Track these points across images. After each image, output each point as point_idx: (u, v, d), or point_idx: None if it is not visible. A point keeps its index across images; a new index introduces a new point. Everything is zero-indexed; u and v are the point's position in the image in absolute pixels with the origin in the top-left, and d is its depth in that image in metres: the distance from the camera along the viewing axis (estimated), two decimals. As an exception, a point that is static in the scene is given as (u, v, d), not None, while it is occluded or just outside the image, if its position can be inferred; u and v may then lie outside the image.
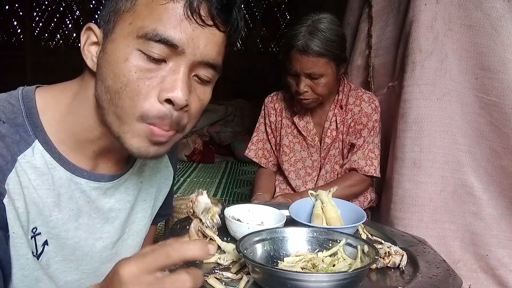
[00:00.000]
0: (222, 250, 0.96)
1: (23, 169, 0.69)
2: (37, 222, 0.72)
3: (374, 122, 1.67)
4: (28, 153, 0.69)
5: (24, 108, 0.71)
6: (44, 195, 0.72)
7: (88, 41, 0.70)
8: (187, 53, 0.66)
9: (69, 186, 0.75)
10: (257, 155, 1.83)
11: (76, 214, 0.77)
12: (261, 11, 6.26)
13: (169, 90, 0.65)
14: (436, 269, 0.90)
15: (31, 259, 0.72)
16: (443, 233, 1.54)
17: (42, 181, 0.71)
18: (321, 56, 1.50)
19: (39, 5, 6.04)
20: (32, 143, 0.70)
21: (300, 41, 1.50)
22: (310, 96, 1.57)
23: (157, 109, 0.66)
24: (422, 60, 1.52)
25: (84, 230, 0.80)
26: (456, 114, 1.50)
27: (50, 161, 0.72)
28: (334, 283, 0.72)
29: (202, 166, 3.98)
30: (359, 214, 1.09)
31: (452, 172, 1.52)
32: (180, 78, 0.66)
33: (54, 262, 0.76)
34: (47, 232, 0.74)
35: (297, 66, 1.52)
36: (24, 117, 0.70)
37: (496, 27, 1.39)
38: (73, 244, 0.78)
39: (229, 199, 2.98)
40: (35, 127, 0.71)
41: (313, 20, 1.53)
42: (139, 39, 0.64)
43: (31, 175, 0.70)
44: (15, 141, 0.68)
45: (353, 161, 1.67)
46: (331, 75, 1.57)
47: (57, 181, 0.73)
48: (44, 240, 0.74)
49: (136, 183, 0.88)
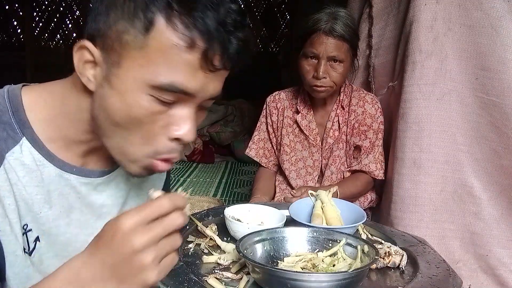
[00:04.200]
0: (222, 250, 0.96)
1: (12, 166, 0.69)
2: (27, 219, 0.72)
3: (380, 124, 1.68)
4: (16, 150, 0.70)
5: (10, 106, 0.71)
6: (33, 192, 0.72)
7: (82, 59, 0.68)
8: (198, 96, 0.67)
9: (59, 183, 0.75)
10: (257, 154, 1.83)
11: (67, 210, 0.78)
12: (261, 11, 6.26)
13: (179, 130, 0.67)
14: (436, 269, 0.90)
15: (20, 256, 0.72)
16: (443, 233, 1.54)
17: (31, 178, 0.71)
18: (345, 40, 1.55)
19: (39, 5, 6.04)
20: (20, 140, 0.70)
21: (326, 24, 1.53)
22: (326, 83, 1.57)
23: (168, 147, 0.68)
24: (422, 60, 1.52)
25: (76, 226, 0.80)
26: (456, 114, 1.50)
27: (39, 158, 0.72)
28: (334, 283, 0.72)
29: (202, 166, 3.98)
30: (359, 214, 1.09)
31: (452, 172, 1.52)
32: (189, 117, 0.68)
33: (47, 258, 0.76)
34: (38, 228, 0.74)
35: (321, 49, 1.54)
36: (10, 114, 0.70)
37: (496, 27, 1.39)
38: (65, 240, 0.78)
39: (229, 199, 2.97)
40: (22, 125, 0.71)
41: (333, 10, 1.58)
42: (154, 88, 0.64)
43: (19, 172, 0.70)
44: (2, 138, 0.69)
45: (364, 165, 1.67)
46: (348, 64, 1.60)
47: (46, 177, 0.73)
48: (35, 237, 0.74)
49: (127, 179, 0.87)
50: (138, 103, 0.64)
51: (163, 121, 0.66)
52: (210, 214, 1.19)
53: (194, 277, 0.80)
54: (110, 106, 0.66)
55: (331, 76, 1.57)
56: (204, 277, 0.81)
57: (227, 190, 3.21)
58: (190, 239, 1.00)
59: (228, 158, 4.28)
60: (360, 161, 1.68)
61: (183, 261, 0.88)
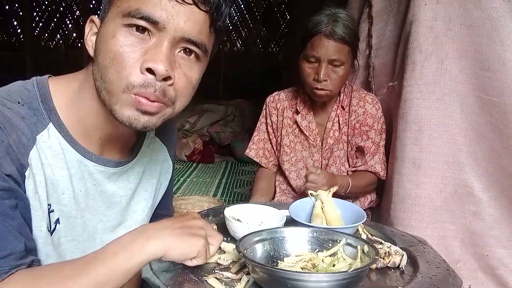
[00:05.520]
0: (222, 250, 0.96)
1: (42, 147, 0.75)
2: (52, 200, 0.78)
3: (382, 124, 1.69)
4: (44, 134, 0.76)
5: (39, 94, 0.77)
6: (58, 173, 0.78)
7: (90, 32, 0.76)
8: (168, 28, 0.71)
9: (79, 168, 0.81)
10: (257, 154, 1.83)
11: (84, 195, 0.83)
12: (261, 11, 6.26)
13: (150, 61, 0.71)
14: (436, 269, 0.90)
15: (44, 232, 0.77)
16: (443, 233, 1.54)
17: (57, 161, 0.78)
18: (345, 42, 1.54)
19: (39, 5, 6.05)
20: (47, 125, 0.77)
21: (326, 27, 1.53)
22: (327, 86, 1.57)
23: (140, 79, 0.71)
24: (422, 60, 1.52)
25: (90, 211, 0.86)
26: (456, 114, 1.50)
27: (63, 142, 0.78)
28: (334, 283, 0.72)
29: (202, 166, 3.98)
30: (359, 214, 1.09)
31: (452, 172, 1.52)
32: (161, 50, 0.71)
33: (65, 241, 0.82)
34: (59, 210, 0.80)
35: (322, 52, 1.54)
36: (39, 101, 0.77)
37: (496, 27, 1.39)
38: (81, 223, 0.84)
39: (229, 199, 2.98)
40: (49, 111, 0.77)
41: (333, 11, 1.57)
42: (124, 17, 0.70)
43: (48, 154, 0.76)
44: (33, 123, 0.75)
45: (370, 165, 1.68)
46: (348, 66, 1.60)
47: (69, 162, 0.79)
48: (56, 218, 0.80)
49: (138, 172, 0.93)
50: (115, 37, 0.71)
51: (136, 54, 0.71)
52: (210, 214, 1.19)
53: (194, 277, 0.80)
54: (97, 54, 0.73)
55: (332, 78, 1.56)
56: (204, 277, 0.81)
57: (227, 190, 3.22)
58: (190, 239, 1.01)
59: (228, 158, 4.28)
60: (366, 162, 1.69)
61: (183, 261, 0.88)
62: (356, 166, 1.71)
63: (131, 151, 0.92)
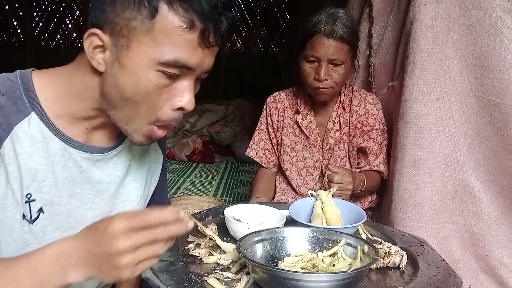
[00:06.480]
0: (222, 250, 0.96)
1: (19, 137, 0.76)
2: (31, 189, 0.79)
3: (384, 124, 1.69)
4: (25, 123, 0.77)
5: (21, 84, 0.79)
6: (38, 161, 0.79)
7: (92, 45, 0.76)
8: (197, 70, 0.77)
9: (63, 155, 0.82)
10: (258, 154, 1.83)
11: (70, 183, 0.84)
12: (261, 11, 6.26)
13: (182, 100, 0.78)
14: (436, 269, 0.90)
15: (19, 220, 0.78)
16: (443, 233, 1.54)
17: (36, 148, 0.79)
18: (345, 42, 1.54)
19: (39, 5, 6.05)
20: (29, 114, 0.78)
21: (326, 26, 1.53)
22: (328, 85, 1.57)
23: (168, 115, 0.79)
24: (422, 60, 1.52)
25: (77, 199, 0.86)
26: (456, 114, 1.50)
27: (46, 131, 0.80)
28: (334, 283, 0.72)
29: (202, 166, 3.98)
30: (359, 214, 1.09)
31: (452, 172, 1.52)
32: (190, 90, 0.78)
33: (50, 230, 0.82)
34: (42, 198, 0.80)
35: (321, 51, 1.53)
36: (21, 91, 0.78)
37: (496, 27, 1.39)
38: (66, 211, 0.85)
39: (229, 199, 2.98)
40: (31, 100, 0.78)
41: (332, 11, 1.57)
42: (159, 65, 0.73)
43: (26, 143, 0.77)
44: (13, 112, 0.76)
45: (375, 166, 1.69)
46: (348, 65, 1.60)
47: (52, 150, 0.81)
48: (39, 207, 0.80)
49: (125, 161, 0.94)
50: (147, 78, 0.74)
51: (167, 94, 0.77)
52: (210, 214, 1.19)
53: (194, 277, 0.81)
54: (121, 83, 0.75)
55: (332, 77, 1.56)
56: (204, 277, 0.81)
57: (227, 190, 3.22)
58: (190, 239, 1.00)
59: (228, 158, 4.28)
60: (370, 162, 1.69)
61: (183, 261, 0.88)
62: (359, 166, 1.71)
63: (118, 137, 0.93)
